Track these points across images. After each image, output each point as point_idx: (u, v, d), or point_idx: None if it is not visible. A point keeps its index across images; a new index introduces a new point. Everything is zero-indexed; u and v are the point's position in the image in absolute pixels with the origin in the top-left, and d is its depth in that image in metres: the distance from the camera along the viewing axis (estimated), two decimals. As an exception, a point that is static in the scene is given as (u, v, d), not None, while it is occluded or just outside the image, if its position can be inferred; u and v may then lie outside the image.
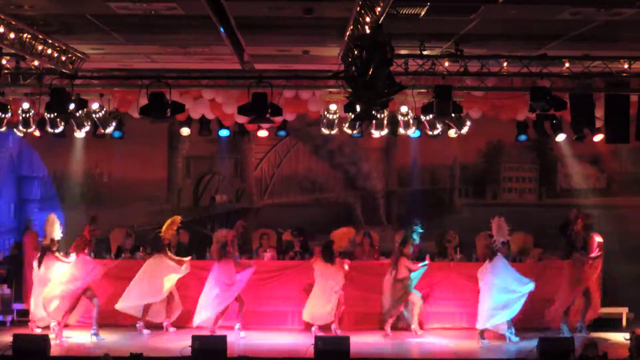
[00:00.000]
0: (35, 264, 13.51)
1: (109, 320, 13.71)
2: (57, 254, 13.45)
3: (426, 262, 13.59)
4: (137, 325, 13.59)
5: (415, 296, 13.62)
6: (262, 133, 15.50)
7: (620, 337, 13.01)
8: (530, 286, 12.94)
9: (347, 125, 13.62)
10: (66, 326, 13.37)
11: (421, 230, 13.75)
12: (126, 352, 11.81)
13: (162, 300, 13.63)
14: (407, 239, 13.62)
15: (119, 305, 13.47)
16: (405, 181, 17.25)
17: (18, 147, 16.68)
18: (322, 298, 13.45)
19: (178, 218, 13.98)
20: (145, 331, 13.56)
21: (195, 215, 16.94)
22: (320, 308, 13.45)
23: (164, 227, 13.75)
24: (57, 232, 13.55)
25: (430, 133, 14.10)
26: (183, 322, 13.78)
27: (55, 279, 13.19)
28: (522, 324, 13.49)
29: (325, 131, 14.04)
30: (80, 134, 13.60)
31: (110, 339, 13.21)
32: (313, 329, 13.46)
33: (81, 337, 13.26)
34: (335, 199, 17.32)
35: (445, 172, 17.11)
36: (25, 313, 13.88)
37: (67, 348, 12.54)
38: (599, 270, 13.83)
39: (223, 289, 13.22)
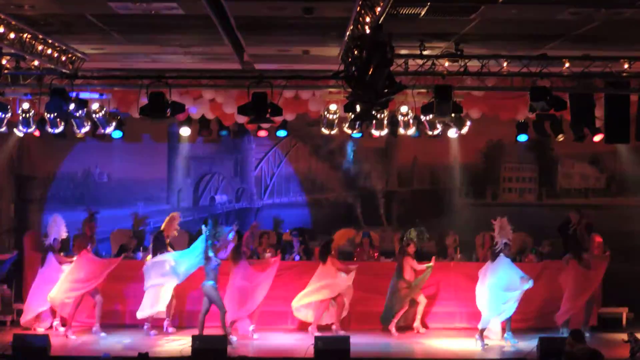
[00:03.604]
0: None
1: (110, 320, 13.75)
2: (60, 254, 13.55)
3: (431, 263, 13.61)
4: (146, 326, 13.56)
5: (421, 295, 13.68)
6: (261, 133, 15.49)
7: (620, 337, 13.05)
8: (529, 284, 12.90)
9: (347, 125, 13.63)
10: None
11: (422, 229, 13.79)
12: (126, 352, 11.87)
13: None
14: (409, 239, 13.66)
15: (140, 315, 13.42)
16: (405, 181, 17.26)
17: (18, 147, 16.69)
18: (308, 296, 13.57)
19: (176, 214, 14.02)
20: (152, 332, 13.51)
21: (195, 215, 16.94)
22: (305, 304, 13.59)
23: (163, 225, 13.77)
24: (62, 233, 13.63)
25: (430, 133, 14.11)
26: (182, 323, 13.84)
27: (64, 279, 13.22)
28: (522, 323, 13.50)
29: (325, 131, 14.05)
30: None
31: (110, 338, 13.21)
32: (310, 328, 13.51)
33: (84, 336, 13.31)
34: (335, 199, 17.33)
35: (445, 172, 17.11)
36: (25, 313, 13.89)
37: (70, 347, 12.54)
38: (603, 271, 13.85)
39: (247, 291, 13.20)
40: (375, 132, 13.94)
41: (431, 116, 12.74)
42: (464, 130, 13.93)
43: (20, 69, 12.63)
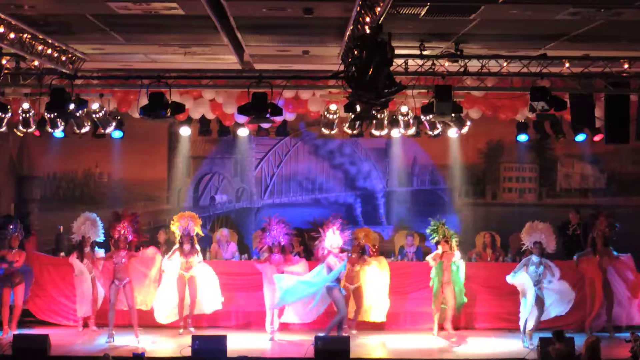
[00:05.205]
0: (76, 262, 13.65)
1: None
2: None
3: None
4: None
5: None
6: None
7: (620, 337, 13.04)
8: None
9: (347, 125, 13.64)
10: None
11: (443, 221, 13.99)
12: (126, 352, 11.87)
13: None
14: (445, 236, 13.66)
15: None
16: (405, 181, 17.25)
17: (18, 147, 16.69)
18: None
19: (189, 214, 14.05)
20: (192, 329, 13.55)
21: (195, 216, 16.92)
22: None
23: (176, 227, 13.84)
24: (95, 233, 13.86)
25: (430, 133, 14.11)
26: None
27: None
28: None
29: (325, 131, 14.06)
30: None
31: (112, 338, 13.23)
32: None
33: (83, 337, 13.32)
34: (335, 199, 17.33)
35: (445, 172, 17.11)
36: (25, 313, 13.86)
37: (70, 347, 12.54)
38: None
39: None
40: (375, 132, 13.95)
41: (431, 116, 12.75)
42: (464, 130, 13.93)
43: (20, 69, 12.64)
